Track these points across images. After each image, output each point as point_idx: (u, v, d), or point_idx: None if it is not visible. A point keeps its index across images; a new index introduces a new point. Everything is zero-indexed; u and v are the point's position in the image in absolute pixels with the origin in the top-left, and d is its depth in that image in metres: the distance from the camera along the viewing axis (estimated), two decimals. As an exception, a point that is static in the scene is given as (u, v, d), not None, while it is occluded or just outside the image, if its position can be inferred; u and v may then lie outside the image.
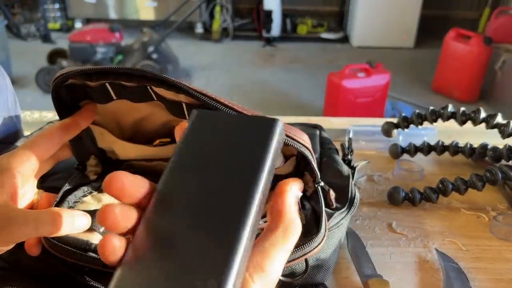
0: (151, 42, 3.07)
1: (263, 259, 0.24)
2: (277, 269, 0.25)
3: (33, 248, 0.37)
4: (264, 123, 0.27)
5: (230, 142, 0.27)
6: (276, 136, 0.27)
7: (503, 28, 3.11)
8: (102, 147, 0.49)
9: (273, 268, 0.24)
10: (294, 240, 0.26)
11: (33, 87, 3.02)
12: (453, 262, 0.50)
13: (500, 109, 0.93)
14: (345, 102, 2.49)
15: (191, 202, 0.24)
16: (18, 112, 0.55)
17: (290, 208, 0.27)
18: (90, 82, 0.38)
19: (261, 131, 0.27)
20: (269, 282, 0.24)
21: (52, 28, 4.32)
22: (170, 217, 0.24)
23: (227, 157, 0.26)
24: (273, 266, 0.24)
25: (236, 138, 0.27)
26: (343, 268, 0.50)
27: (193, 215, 0.24)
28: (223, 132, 0.28)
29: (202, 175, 0.26)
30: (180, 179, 0.26)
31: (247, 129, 0.28)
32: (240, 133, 0.27)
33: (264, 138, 0.27)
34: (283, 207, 0.27)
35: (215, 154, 0.27)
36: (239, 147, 0.27)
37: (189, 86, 0.35)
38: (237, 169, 0.26)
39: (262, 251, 0.25)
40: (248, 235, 0.23)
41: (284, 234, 0.26)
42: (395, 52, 4.07)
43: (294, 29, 4.49)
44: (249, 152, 0.26)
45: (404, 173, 0.69)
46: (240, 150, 0.27)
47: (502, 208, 0.61)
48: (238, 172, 0.26)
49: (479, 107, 0.64)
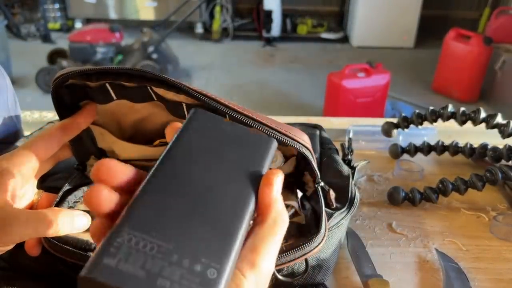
0: (151, 42, 3.07)
1: (253, 255, 0.24)
2: (269, 263, 0.25)
3: (33, 248, 0.37)
4: (263, 139, 0.29)
5: (228, 144, 0.28)
6: (271, 152, 0.29)
7: (503, 28, 3.11)
8: (102, 147, 0.49)
9: (264, 263, 0.24)
10: (283, 232, 0.26)
11: (33, 87, 3.02)
12: (453, 262, 0.50)
13: (500, 109, 0.93)
14: (345, 102, 2.49)
15: (190, 189, 0.25)
16: (18, 112, 0.55)
17: (277, 200, 0.27)
18: (90, 82, 0.38)
19: (260, 144, 0.29)
20: (262, 276, 0.24)
21: (52, 28, 4.32)
22: (169, 198, 0.24)
23: (225, 156, 0.27)
24: (264, 261, 0.24)
25: (234, 143, 0.28)
26: (343, 268, 0.50)
27: (191, 201, 0.24)
28: (221, 133, 0.29)
29: (197, 168, 0.26)
30: (175, 169, 0.25)
31: (247, 138, 0.29)
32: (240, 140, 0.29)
33: (263, 150, 0.29)
34: (270, 200, 0.26)
35: (211, 151, 0.27)
36: (237, 151, 0.28)
37: (189, 86, 0.35)
38: (238, 170, 0.27)
39: (252, 247, 0.25)
40: (243, 231, 0.24)
41: (272, 227, 0.26)
42: (395, 52, 4.07)
43: (294, 29, 4.49)
44: (248, 158, 0.28)
45: (404, 173, 0.69)
46: (238, 154, 0.28)
47: (502, 208, 0.61)
48: (239, 173, 0.26)
49: (479, 107, 0.64)
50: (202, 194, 0.24)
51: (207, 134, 0.28)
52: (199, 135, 0.28)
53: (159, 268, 0.20)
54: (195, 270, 0.21)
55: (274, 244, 0.25)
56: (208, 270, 0.21)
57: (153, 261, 0.21)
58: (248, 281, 0.23)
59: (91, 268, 0.20)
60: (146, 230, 0.22)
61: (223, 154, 0.27)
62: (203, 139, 0.28)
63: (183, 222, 0.23)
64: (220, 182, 0.25)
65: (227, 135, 0.29)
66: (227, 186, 0.25)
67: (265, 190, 0.27)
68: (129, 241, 0.21)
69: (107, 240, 0.21)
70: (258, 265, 0.24)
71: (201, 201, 0.24)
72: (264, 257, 0.24)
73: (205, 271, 0.21)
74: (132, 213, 0.22)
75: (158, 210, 0.23)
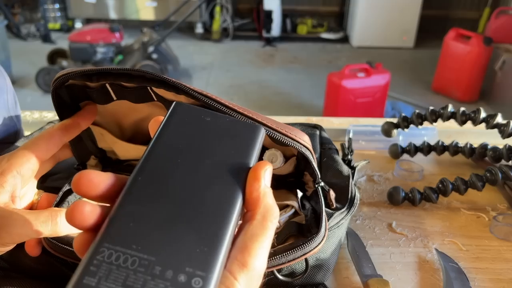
0: (151, 42, 3.07)
1: (244, 254, 0.23)
2: (261, 261, 0.23)
3: (33, 248, 0.37)
4: (249, 127, 0.28)
5: (211, 137, 0.27)
6: (259, 142, 0.27)
7: (503, 28, 3.12)
8: (102, 147, 0.49)
9: (256, 262, 0.23)
10: (273, 226, 0.25)
11: (33, 87, 3.02)
12: (453, 262, 0.50)
13: (500, 109, 0.93)
14: (345, 102, 2.49)
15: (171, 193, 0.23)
16: (18, 112, 0.55)
17: (266, 194, 0.25)
18: (90, 83, 0.38)
19: (246, 134, 0.27)
20: (255, 276, 0.23)
21: (52, 28, 4.32)
22: (149, 206, 0.23)
23: (209, 152, 0.26)
24: (256, 260, 0.23)
25: (218, 135, 0.27)
26: (343, 268, 0.50)
27: (173, 206, 0.23)
28: (204, 125, 0.27)
29: (178, 168, 0.25)
30: (155, 172, 0.24)
31: (232, 129, 0.28)
32: (224, 131, 0.27)
33: (250, 141, 0.27)
34: (258, 194, 0.25)
35: (194, 147, 0.26)
36: (221, 145, 0.26)
37: (189, 86, 0.35)
38: (222, 165, 0.25)
39: (243, 247, 0.23)
40: (230, 232, 0.23)
41: (262, 223, 0.24)
42: (395, 52, 4.07)
43: (294, 29, 4.49)
44: (233, 151, 0.26)
45: (404, 173, 0.69)
46: (223, 148, 0.26)
47: (502, 208, 0.61)
48: (224, 168, 0.25)
49: (479, 107, 0.64)
50: (185, 197, 0.23)
51: (189, 128, 0.27)
52: (181, 130, 0.27)
53: (141, 283, 0.20)
54: (179, 281, 0.20)
55: (265, 240, 0.24)
56: (193, 280, 0.20)
57: (135, 276, 0.20)
58: (240, 283, 0.22)
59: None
60: (126, 243, 0.21)
61: (207, 149, 0.26)
62: (185, 135, 0.26)
63: (165, 230, 0.22)
64: (203, 182, 0.24)
65: (210, 127, 0.27)
66: (211, 185, 0.24)
67: (252, 184, 0.25)
68: (109, 257, 0.20)
69: (87, 257, 0.20)
70: (249, 265, 0.23)
71: (183, 204, 0.23)
72: (255, 256, 0.23)
73: (190, 281, 0.20)
74: (111, 227, 0.22)
75: (138, 220, 0.22)
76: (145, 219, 0.22)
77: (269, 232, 0.24)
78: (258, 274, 0.23)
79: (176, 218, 0.22)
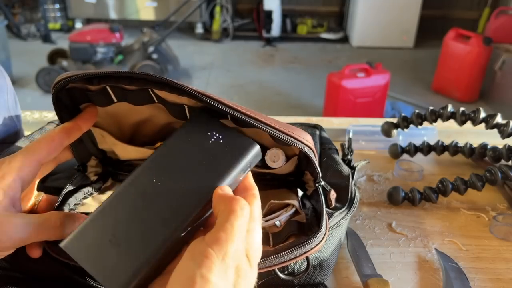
0: (151, 42, 3.07)
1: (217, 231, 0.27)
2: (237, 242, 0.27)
3: (34, 250, 0.37)
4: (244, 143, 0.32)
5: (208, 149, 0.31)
6: (248, 157, 0.31)
7: (502, 28, 3.12)
8: (103, 149, 0.49)
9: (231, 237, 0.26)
10: (242, 211, 0.27)
11: (33, 87, 3.02)
12: (453, 262, 0.50)
13: (500, 109, 0.93)
14: (345, 102, 2.49)
15: (140, 200, 0.29)
16: (18, 112, 0.55)
17: (225, 195, 0.29)
18: (91, 86, 0.38)
19: (237, 149, 0.31)
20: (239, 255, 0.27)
21: (53, 28, 4.32)
22: (118, 209, 0.29)
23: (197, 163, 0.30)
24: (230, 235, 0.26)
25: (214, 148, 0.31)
26: (343, 268, 0.50)
27: (134, 214, 0.28)
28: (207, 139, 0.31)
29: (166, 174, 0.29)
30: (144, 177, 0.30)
31: (228, 143, 0.31)
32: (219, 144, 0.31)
33: (237, 155, 0.31)
34: (218, 197, 0.29)
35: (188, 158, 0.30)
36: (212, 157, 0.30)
37: (193, 88, 0.35)
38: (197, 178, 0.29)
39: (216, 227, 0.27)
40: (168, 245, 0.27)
41: (225, 212, 0.27)
42: (395, 52, 4.07)
43: (294, 29, 4.49)
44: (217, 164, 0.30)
45: (404, 173, 0.69)
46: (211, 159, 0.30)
47: (502, 208, 0.61)
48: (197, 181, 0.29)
49: (479, 107, 0.64)
50: (149, 206, 0.28)
51: (190, 141, 0.31)
52: (182, 143, 0.31)
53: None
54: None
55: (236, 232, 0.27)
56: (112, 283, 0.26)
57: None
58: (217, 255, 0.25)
59: None
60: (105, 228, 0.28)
61: (194, 163, 0.30)
62: (184, 148, 0.31)
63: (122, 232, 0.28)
64: (174, 193, 0.29)
65: (211, 141, 0.31)
66: (179, 197, 0.28)
67: (216, 191, 0.29)
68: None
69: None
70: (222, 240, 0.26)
71: (150, 205, 0.28)
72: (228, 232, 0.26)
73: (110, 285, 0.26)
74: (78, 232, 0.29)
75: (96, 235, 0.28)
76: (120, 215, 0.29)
77: (238, 221, 0.27)
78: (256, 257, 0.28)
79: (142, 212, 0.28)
